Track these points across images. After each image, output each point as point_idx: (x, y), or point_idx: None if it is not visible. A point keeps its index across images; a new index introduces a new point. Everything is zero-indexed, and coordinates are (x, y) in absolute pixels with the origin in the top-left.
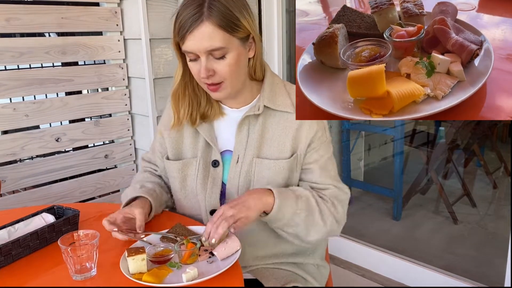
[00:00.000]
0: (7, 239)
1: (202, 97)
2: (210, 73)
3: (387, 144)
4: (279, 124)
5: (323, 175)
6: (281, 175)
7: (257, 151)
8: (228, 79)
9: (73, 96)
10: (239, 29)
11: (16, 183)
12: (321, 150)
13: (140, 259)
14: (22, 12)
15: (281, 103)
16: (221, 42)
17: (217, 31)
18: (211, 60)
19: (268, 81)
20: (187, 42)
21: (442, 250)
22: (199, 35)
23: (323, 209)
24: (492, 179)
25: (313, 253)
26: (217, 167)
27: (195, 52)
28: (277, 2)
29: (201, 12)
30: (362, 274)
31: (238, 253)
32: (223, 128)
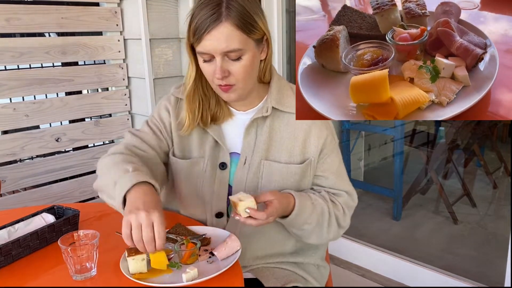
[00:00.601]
0: (7, 239)
1: (212, 98)
2: (225, 74)
3: (387, 144)
4: (288, 126)
5: (338, 181)
6: (292, 179)
7: (265, 153)
8: (241, 80)
9: (73, 96)
10: (255, 30)
11: (16, 183)
12: (333, 155)
13: (140, 259)
14: (22, 12)
15: (289, 105)
16: (239, 44)
17: (235, 31)
18: (227, 61)
19: (275, 83)
20: (204, 42)
21: (442, 250)
22: (217, 35)
23: (331, 222)
24: (492, 179)
25: (314, 253)
26: (224, 170)
27: (211, 52)
28: (277, 2)
29: (220, 12)
30: (362, 274)
31: (238, 253)
32: (231, 130)
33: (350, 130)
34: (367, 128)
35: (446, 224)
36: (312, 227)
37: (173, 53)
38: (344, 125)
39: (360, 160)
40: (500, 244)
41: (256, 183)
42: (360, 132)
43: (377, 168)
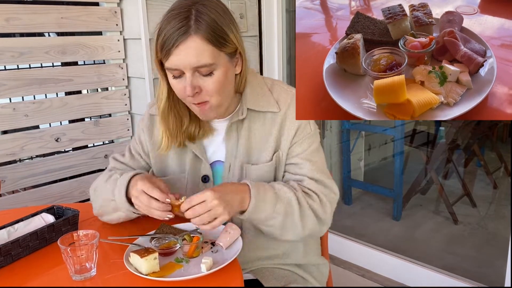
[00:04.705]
0: (7, 239)
1: (185, 117)
2: (196, 90)
3: (387, 144)
4: (265, 126)
5: (308, 167)
6: (266, 175)
7: (247, 157)
8: (214, 96)
9: (73, 96)
10: (227, 44)
11: (15, 183)
12: (305, 143)
13: (152, 258)
14: (22, 12)
15: (264, 104)
16: (210, 58)
17: (205, 45)
18: (197, 77)
19: (249, 86)
20: (173, 58)
21: (442, 250)
22: (186, 50)
23: (305, 213)
24: (492, 179)
25: (307, 253)
26: (207, 183)
27: (180, 68)
28: (277, 2)
29: (188, 25)
30: (362, 274)
31: (240, 240)
32: (212, 141)
33: (350, 130)
34: (367, 128)
35: (446, 224)
36: (281, 221)
37: None
38: (344, 125)
39: (360, 160)
40: (500, 244)
41: None
42: (360, 132)
43: (377, 168)
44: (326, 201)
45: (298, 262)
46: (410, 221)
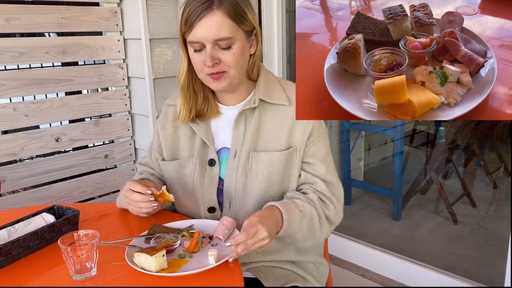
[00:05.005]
0: (7, 239)
1: (199, 94)
2: (216, 61)
3: (387, 144)
4: (275, 117)
5: (323, 170)
6: (277, 166)
7: (254, 145)
8: (232, 68)
9: (73, 96)
10: (246, 22)
11: (16, 183)
12: (320, 142)
13: (161, 256)
14: (22, 12)
15: (276, 96)
16: (229, 32)
17: (226, 20)
18: (217, 50)
19: (262, 77)
20: (195, 30)
21: (442, 250)
22: (209, 23)
23: (323, 223)
24: (492, 179)
25: (312, 250)
26: (213, 166)
27: (202, 41)
28: (277, 2)
29: (212, 1)
30: (362, 274)
31: (237, 231)
32: (220, 127)
33: (350, 130)
34: (367, 128)
35: (446, 224)
36: (304, 234)
37: (173, 53)
38: (344, 125)
39: (360, 160)
40: (500, 244)
41: (245, 176)
42: (360, 132)
43: (377, 168)
44: (338, 206)
45: (297, 260)
46: (410, 221)
